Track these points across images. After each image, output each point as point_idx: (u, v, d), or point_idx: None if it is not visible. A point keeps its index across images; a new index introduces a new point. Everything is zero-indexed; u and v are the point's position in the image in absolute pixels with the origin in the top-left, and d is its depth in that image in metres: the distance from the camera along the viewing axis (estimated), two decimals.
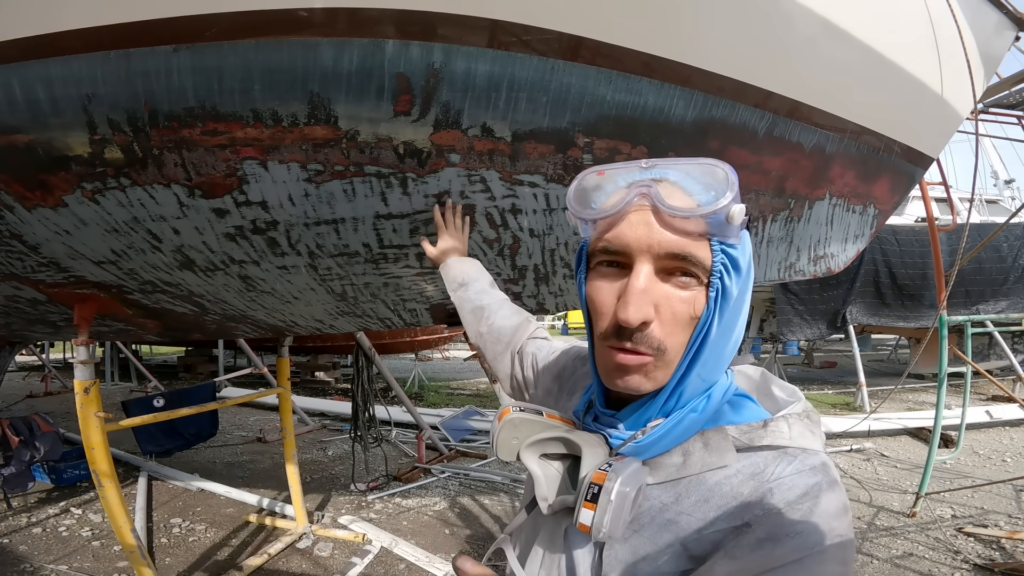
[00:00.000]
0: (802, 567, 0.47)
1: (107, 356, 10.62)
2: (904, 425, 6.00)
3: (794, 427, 0.55)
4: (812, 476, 0.51)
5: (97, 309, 1.99)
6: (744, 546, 0.50)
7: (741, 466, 0.54)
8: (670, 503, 0.56)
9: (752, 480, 0.53)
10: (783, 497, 0.50)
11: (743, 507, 0.52)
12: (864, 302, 7.86)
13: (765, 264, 2.04)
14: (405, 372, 10.42)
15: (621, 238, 0.53)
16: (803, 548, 0.47)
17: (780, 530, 0.49)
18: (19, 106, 1.21)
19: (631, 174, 0.55)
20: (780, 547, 0.48)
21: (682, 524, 0.54)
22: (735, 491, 0.53)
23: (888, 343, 14.64)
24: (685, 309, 0.53)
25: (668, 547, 0.54)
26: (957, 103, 1.98)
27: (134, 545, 2.27)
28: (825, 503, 0.49)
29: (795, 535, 0.48)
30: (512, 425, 0.64)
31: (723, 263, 0.53)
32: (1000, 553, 3.18)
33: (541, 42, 1.21)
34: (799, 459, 0.53)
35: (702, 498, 0.54)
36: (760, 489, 0.52)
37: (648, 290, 0.51)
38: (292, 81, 1.17)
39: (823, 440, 0.56)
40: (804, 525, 0.48)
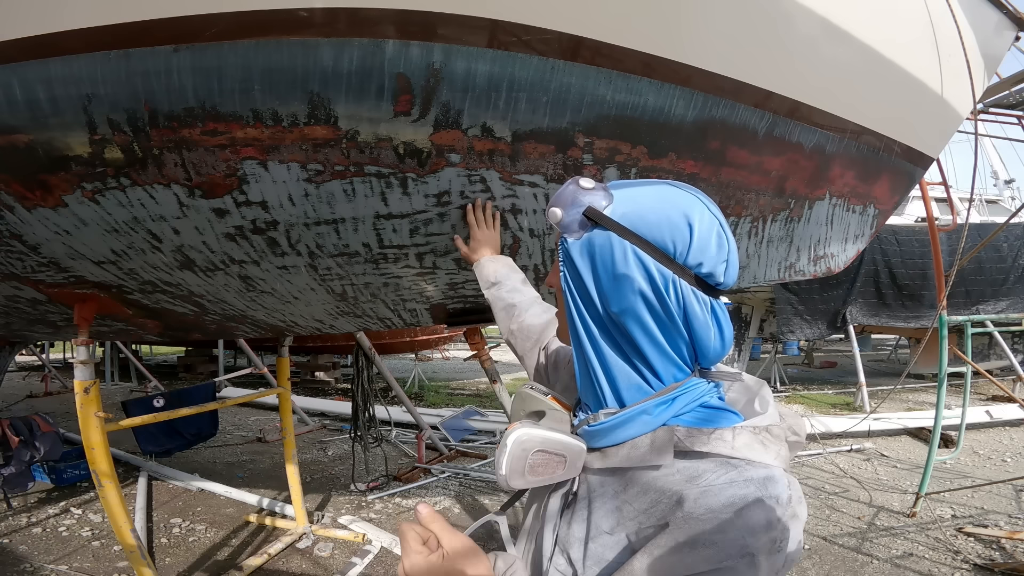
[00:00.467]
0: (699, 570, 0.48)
1: (107, 356, 10.62)
2: (904, 425, 6.01)
3: (739, 438, 0.55)
4: (744, 488, 0.51)
5: (97, 309, 1.99)
6: (663, 546, 0.51)
7: (682, 467, 0.55)
8: (619, 490, 0.59)
9: (687, 483, 0.54)
10: (707, 504, 0.51)
11: (669, 506, 0.53)
12: (864, 302, 7.86)
13: (765, 264, 2.04)
14: (405, 372, 10.43)
15: None
16: (713, 560, 0.48)
17: (698, 537, 0.49)
18: (19, 106, 1.21)
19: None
20: (693, 554, 0.49)
21: (624, 512, 0.58)
22: (668, 489, 0.55)
23: (888, 343, 14.64)
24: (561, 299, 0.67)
25: (614, 532, 0.58)
26: (957, 103, 1.98)
27: (134, 545, 2.27)
28: (748, 518, 0.49)
29: (710, 545, 0.49)
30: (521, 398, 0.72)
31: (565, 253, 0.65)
32: (1000, 553, 3.18)
33: (541, 42, 1.21)
34: (739, 470, 0.52)
35: (641, 491, 0.57)
36: (690, 493, 0.52)
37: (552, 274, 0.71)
38: (292, 81, 1.17)
39: (781, 456, 0.55)
40: (721, 537, 0.49)
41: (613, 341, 0.61)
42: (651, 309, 0.58)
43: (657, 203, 0.59)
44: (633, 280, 0.58)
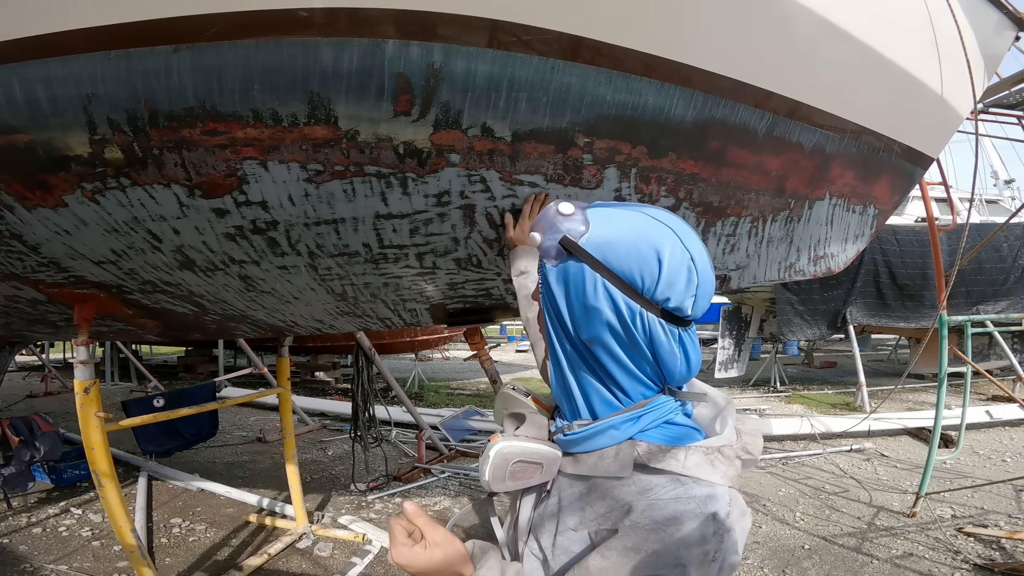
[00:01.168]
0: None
1: (107, 356, 10.62)
2: (904, 425, 6.00)
3: (690, 458, 0.60)
4: (686, 504, 0.56)
5: (97, 309, 1.99)
6: (614, 549, 0.58)
7: (638, 479, 0.62)
8: (584, 493, 0.66)
9: (639, 495, 0.60)
10: (652, 516, 0.57)
11: (621, 514, 0.60)
12: (864, 302, 7.86)
13: (765, 264, 2.04)
14: (405, 372, 10.43)
15: None
16: (651, 567, 0.54)
17: (640, 545, 0.56)
18: (19, 106, 1.21)
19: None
20: (635, 560, 0.55)
21: (587, 513, 0.64)
22: (622, 499, 0.61)
23: (888, 343, 14.64)
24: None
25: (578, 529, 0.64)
26: (957, 103, 1.98)
27: (134, 545, 2.27)
28: (684, 531, 0.55)
29: (650, 553, 0.55)
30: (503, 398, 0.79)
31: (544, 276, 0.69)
32: (1000, 553, 3.18)
33: (541, 42, 1.21)
34: (685, 487, 0.58)
35: (600, 496, 0.64)
36: (639, 503, 0.59)
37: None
38: (292, 81, 1.17)
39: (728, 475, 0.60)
40: (659, 547, 0.55)
41: (585, 361, 0.66)
42: (617, 338, 0.62)
43: (630, 235, 0.62)
44: (601, 312, 0.61)
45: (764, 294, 8.49)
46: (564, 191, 1.47)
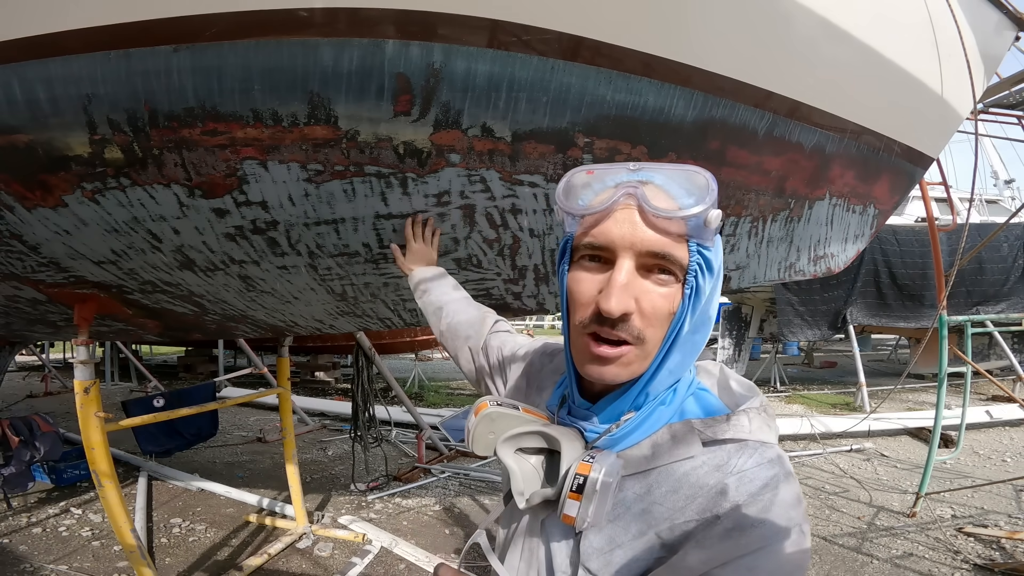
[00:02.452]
0: (767, 553, 0.51)
1: (107, 356, 10.62)
2: (904, 425, 6.00)
3: (754, 421, 0.58)
4: (770, 468, 0.55)
5: (97, 309, 1.99)
6: (713, 536, 0.53)
7: (706, 458, 0.57)
8: (642, 493, 0.59)
9: (717, 472, 0.56)
10: (746, 489, 0.54)
11: (711, 499, 0.55)
12: (865, 302, 7.86)
13: (765, 264, 2.04)
14: (405, 372, 10.42)
15: (606, 234, 0.55)
16: (767, 536, 0.51)
17: (745, 520, 0.52)
18: (19, 106, 1.21)
19: (619, 175, 0.58)
20: (746, 536, 0.52)
21: (654, 513, 0.57)
22: (701, 482, 0.56)
23: (888, 343, 14.63)
24: (664, 304, 0.56)
25: (642, 535, 0.57)
26: (957, 103, 1.98)
27: (134, 545, 2.27)
28: (783, 494, 0.53)
29: (759, 524, 0.52)
30: (489, 419, 0.66)
31: (699, 263, 0.56)
32: (1000, 553, 3.17)
33: (541, 42, 1.21)
34: (758, 452, 0.56)
35: (671, 488, 0.57)
36: (724, 481, 0.55)
37: (629, 284, 0.54)
38: (292, 81, 1.18)
39: (777, 433, 0.60)
40: (766, 515, 0.52)
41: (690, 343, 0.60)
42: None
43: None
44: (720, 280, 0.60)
45: (764, 294, 8.49)
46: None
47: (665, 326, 0.57)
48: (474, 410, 0.68)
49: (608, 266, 0.56)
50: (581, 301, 0.58)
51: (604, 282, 0.56)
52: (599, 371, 0.57)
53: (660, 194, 0.56)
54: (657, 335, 0.56)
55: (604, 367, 0.57)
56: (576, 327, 0.59)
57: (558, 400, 0.69)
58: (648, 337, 0.56)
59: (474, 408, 0.68)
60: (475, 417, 0.67)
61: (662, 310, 0.56)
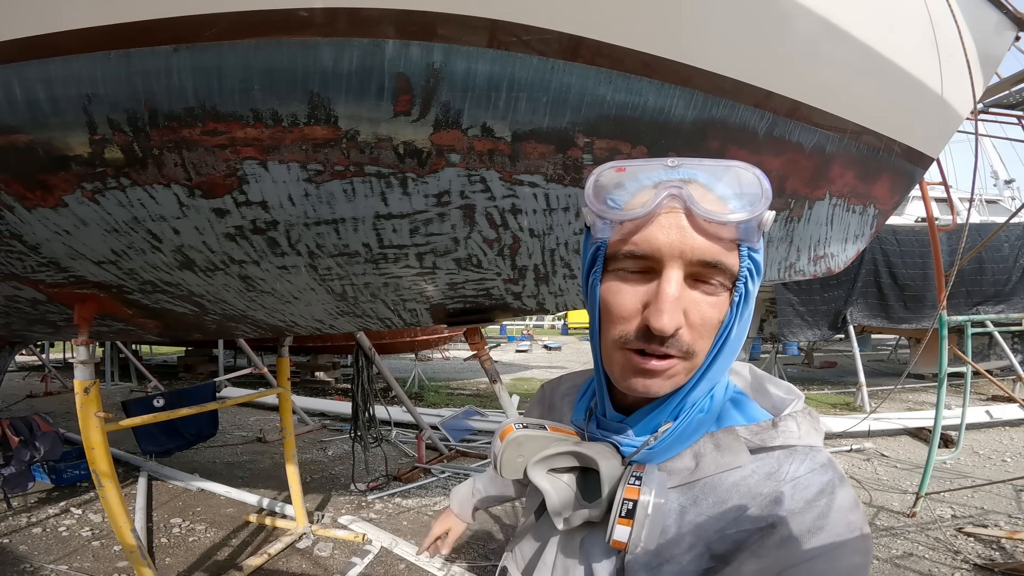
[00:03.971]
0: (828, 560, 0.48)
1: (107, 356, 10.62)
2: (904, 425, 6.00)
3: (802, 426, 0.56)
4: (824, 474, 0.52)
5: (97, 309, 1.99)
6: (769, 546, 0.50)
7: (755, 466, 0.54)
8: (688, 506, 0.56)
9: (769, 480, 0.53)
10: (802, 496, 0.51)
11: (765, 508, 0.52)
12: (865, 303, 7.86)
13: (765, 264, 2.04)
14: (405, 372, 10.42)
15: (651, 242, 0.50)
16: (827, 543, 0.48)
17: (803, 527, 0.49)
18: (19, 106, 1.21)
19: (656, 172, 0.52)
20: (805, 543, 0.49)
21: (703, 525, 0.54)
22: (753, 492, 0.53)
23: (888, 343, 14.64)
24: (713, 315, 0.51)
25: (691, 548, 0.54)
26: (957, 103, 1.97)
27: (134, 545, 2.27)
28: (840, 499, 0.50)
29: (817, 531, 0.49)
30: (517, 443, 0.62)
31: (749, 269, 0.52)
32: (1000, 553, 3.17)
33: (541, 42, 1.21)
34: (809, 457, 0.54)
35: (720, 499, 0.54)
36: (778, 489, 0.52)
37: (680, 297, 0.49)
38: (292, 81, 1.17)
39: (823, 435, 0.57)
40: (825, 521, 0.49)
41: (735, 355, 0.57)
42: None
43: None
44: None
45: (764, 294, 8.49)
46: (564, 191, 1.47)
47: (712, 337, 0.52)
48: (499, 435, 0.65)
49: (651, 276, 0.51)
50: (621, 315, 0.52)
51: (648, 294, 0.50)
52: (644, 385, 0.52)
53: (707, 195, 0.50)
54: (705, 347, 0.52)
55: (650, 380, 0.52)
56: (614, 341, 0.53)
57: (584, 414, 0.65)
58: (697, 351, 0.52)
59: (499, 433, 0.65)
60: (501, 442, 0.63)
61: (712, 321, 0.51)
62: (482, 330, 2.35)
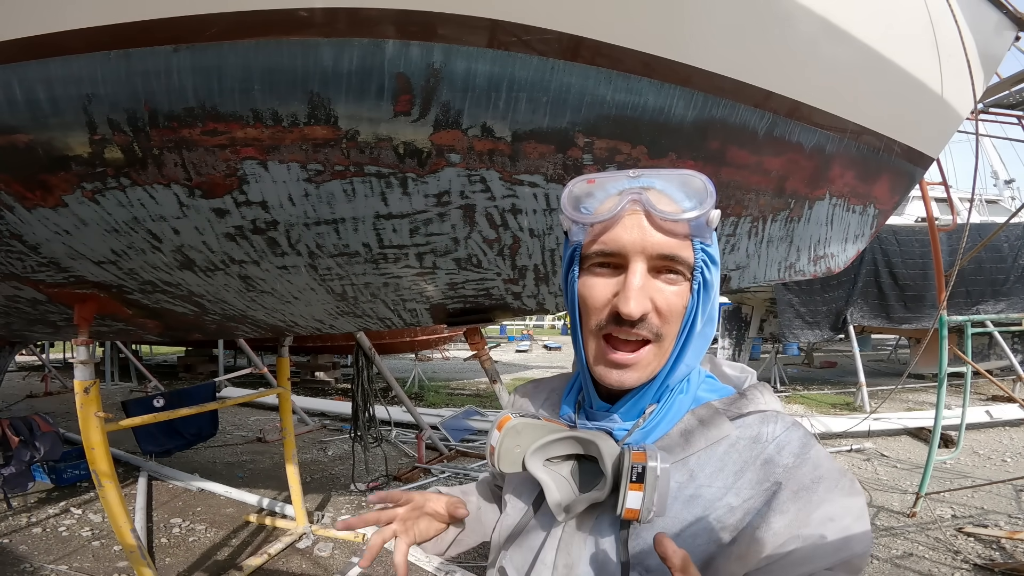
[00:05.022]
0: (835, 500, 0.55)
1: (107, 356, 10.62)
2: (904, 425, 6.00)
3: (764, 394, 0.64)
4: (797, 429, 0.60)
5: (97, 309, 1.99)
6: (785, 500, 0.56)
7: (738, 433, 0.61)
8: (685, 481, 0.60)
9: (754, 444, 0.60)
10: (790, 452, 0.58)
11: (760, 469, 0.58)
12: (866, 303, 7.86)
13: (765, 264, 2.04)
14: (405, 372, 10.43)
15: (618, 240, 0.58)
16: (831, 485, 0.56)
17: (806, 479, 0.56)
18: (19, 106, 1.21)
19: (620, 183, 0.60)
20: (818, 489, 0.56)
21: (705, 496, 0.58)
22: (744, 456, 0.59)
23: (888, 343, 14.64)
24: (677, 301, 0.58)
25: (697, 521, 0.58)
26: (957, 103, 1.98)
27: (134, 545, 2.27)
28: (818, 449, 0.59)
29: (819, 479, 0.56)
30: (515, 432, 0.65)
31: (703, 260, 0.59)
32: (1000, 553, 3.17)
33: (541, 42, 1.21)
34: (780, 419, 0.61)
35: (716, 469, 0.59)
36: (767, 450, 0.59)
37: (644, 286, 0.57)
38: (292, 81, 1.17)
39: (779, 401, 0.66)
40: (820, 470, 0.57)
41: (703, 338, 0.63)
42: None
43: None
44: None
45: (764, 294, 8.49)
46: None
47: (679, 322, 0.59)
48: (496, 426, 0.66)
49: (619, 271, 0.58)
50: (595, 305, 0.59)
51: (617, 286, 0.58)
52: (619, 376, 0.59)
53: (663, 198, 0.58)
54: (673, 331, 0.59)
55: (624, 372, 0.59)
56: (591, 331, 0.60)
57: (573, 407, 0.69)
58: (666, 334, 0.58)
59: (496, 424, 0.66)
60: (499, 432, 0.65)
61: (676, 307, 0.58)
62: (482, 330, 2.35)
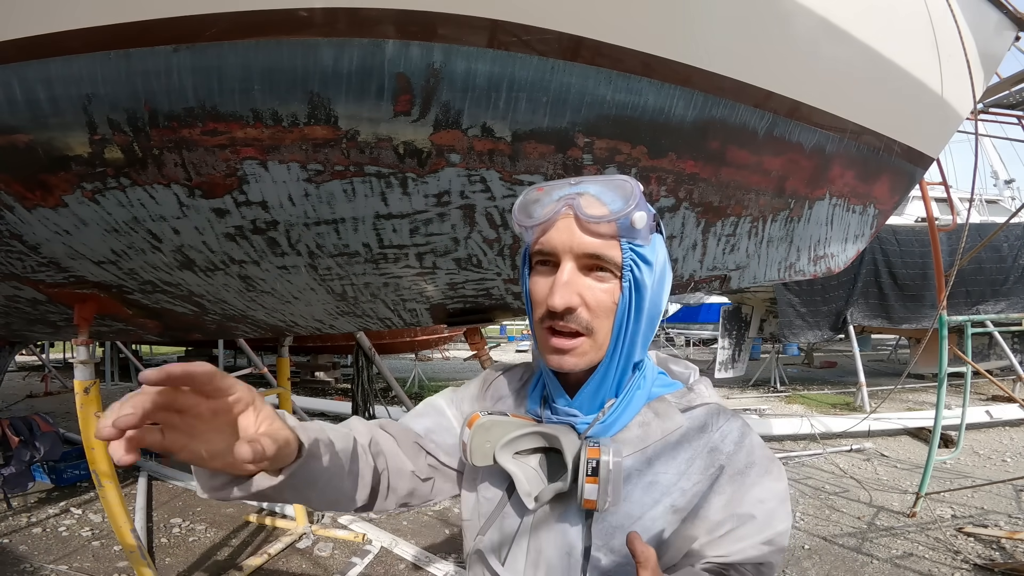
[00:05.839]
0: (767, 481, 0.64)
1: (107, 356, 10.62)
2: (904, 425, 6.01)
3: (708, 389, 0.73)
4: (736, 420, 0.69)
5: (97, 309, 1.99)
6: (724, 482, 0.64)
7: (688, 424, 0.68)
8: (644, 468, 0.67)
9: (702, 433, 0.67)
10: (732, 439, 0.66)
11: (707, 456, 0.66)
12: (866, 303, 7.86)
13: (765, 264, 2.04)
14: (405, 372, 10.43)
15: (551, 241, 0.63)
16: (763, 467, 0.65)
17: (743, 462, 0.65)
18: (19, 106, 1.21)
19: (562, 189, 0.65)
20: (750, 473, 0.64)
21: (662, 483, 0.66)
22: (694, 445, 0.67)
23: (888, 343, 14.64)
24: (606, 298, 0.63)
25: (655, 504, 0.65)
26: (957, 103, 1.98)
27: (134, 545, 2.27)
28: (754, 436, 0.68)
29: (752, 464, 0.65)
30: (484, 429, 0.68)
31: (632, 259, 0.63)
32: (1000, 553, 3.18)
33: (541, 42, 1.21)
34: (722, 411, 0.70)
35: (670, 456, 0.67)
36: (713, 438, 0.67)
37: (571, 282, 0.62)
38: (292, 81, 1.17)
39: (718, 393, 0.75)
40: (754, 455, 0.66)
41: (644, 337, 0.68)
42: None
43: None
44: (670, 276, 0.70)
45: (764, 294, 8.49)
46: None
47: (611, 317, 0.64)
48: (466, 423, 0.70)
49: (556, 269, 0.63)
50: (538, 300, 0.65)
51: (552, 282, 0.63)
52: (559, 360, 0.64)
53: (594, 203, 0.62)
54: (605, 326, 0.64)
55: (563, 357, 0.64)
56: (536, 323, 0.66)
57: (538, 402, 0.74)
58: (597, 328, 0.63)
59: (465, 422, 0.70)
60: (469, 429, 0.69)
61: (605, 303, 0.63)
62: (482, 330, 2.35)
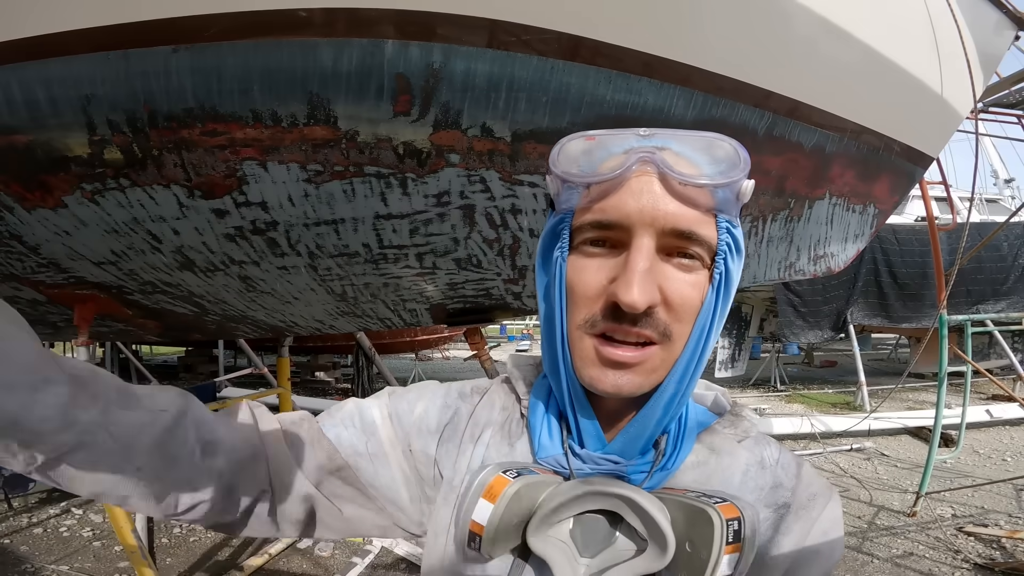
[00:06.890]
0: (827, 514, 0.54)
1: (107, 356, 10.61)
2: (904, 424, 6.01)
3: (752, 416, 0.60)
4: (788, 451, 0.59)
5: (97, 310, 1.99)
6: (791, 521, 0.53)
7: (746, 458, 0.55)
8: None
9: (762, 469, 0.55)
10: (790, 474, 0.56)
11: (771, 495, 0.54)
12: (866, 302, 7.86)
13: (765, 264, 2.04)
14: (405, 372, 10.43)
15: (621, 208, 0.44)
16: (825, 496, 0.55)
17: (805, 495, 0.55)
18: (18, 106, 1.21)
19: (627, 141, 0.46)
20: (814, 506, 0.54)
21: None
22: (758, 482, 0.54)
23: (888, 342, 14.64)
24: (693, 294, 0.45)
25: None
26: (957, 102, 1.98)
27: (135, 545, 2.27)
28: (807, 466, 0.58)
29: (816, 493, 0.55)
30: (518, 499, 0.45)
31: (728, 243, 0.47)
32: (1000, 552, 3.18)
33: (541, 42, 1.21)
34: (770, 440, 0.59)
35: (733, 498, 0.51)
36: (774, 473, 0.55)
37: (652, 270, 0.43)
38: (292, 81, 1.17)
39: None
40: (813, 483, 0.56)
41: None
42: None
43: None
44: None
45: (764, 294, 8.48)
46: None
47: (692, 321, 0.46)
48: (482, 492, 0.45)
49: (618, 251, 0.45)
50: (586, 295, 0.45)
51: (615, 269, 0.44)
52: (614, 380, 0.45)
53: (681, 161, 0.45)
54: (684, 332, 0.46)
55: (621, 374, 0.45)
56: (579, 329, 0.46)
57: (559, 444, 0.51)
58: (676, 335, 0.45)
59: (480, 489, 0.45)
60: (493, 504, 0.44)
61: (691, 301, 0.45)
62: (482, 330, 2.35)
